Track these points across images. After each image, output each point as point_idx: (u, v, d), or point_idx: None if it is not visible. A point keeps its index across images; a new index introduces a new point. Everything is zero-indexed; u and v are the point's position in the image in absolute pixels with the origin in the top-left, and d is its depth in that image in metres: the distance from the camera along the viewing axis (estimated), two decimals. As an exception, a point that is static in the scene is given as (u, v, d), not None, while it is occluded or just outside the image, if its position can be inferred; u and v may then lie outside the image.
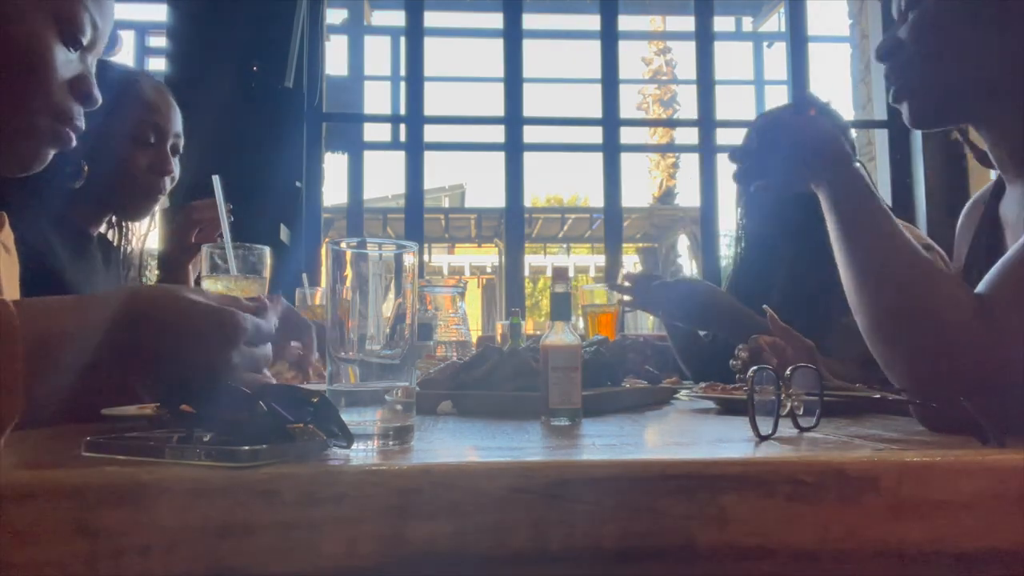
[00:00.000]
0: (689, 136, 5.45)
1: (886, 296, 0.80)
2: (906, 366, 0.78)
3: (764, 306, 1.23)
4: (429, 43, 4.00)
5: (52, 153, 1.00)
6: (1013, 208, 0.97)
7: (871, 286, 0.81)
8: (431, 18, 4.17)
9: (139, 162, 1.47)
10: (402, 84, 4.37)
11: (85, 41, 0.98)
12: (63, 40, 0.95)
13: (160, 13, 3.62)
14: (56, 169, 1.05)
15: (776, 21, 7.45)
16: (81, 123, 0.99)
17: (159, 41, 3.67)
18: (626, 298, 1.75)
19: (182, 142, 1.57)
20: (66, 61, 0.96)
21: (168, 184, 1.52)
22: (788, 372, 0.74)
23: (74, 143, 0.98)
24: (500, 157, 3.98)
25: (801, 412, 0.74)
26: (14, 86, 0.93)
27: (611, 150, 4.00)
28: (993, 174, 1.07)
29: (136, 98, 1.49)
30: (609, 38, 4.05)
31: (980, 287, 0.77)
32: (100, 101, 1.00)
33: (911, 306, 0.78)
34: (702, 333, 1.79)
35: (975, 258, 1.06)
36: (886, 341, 0.80)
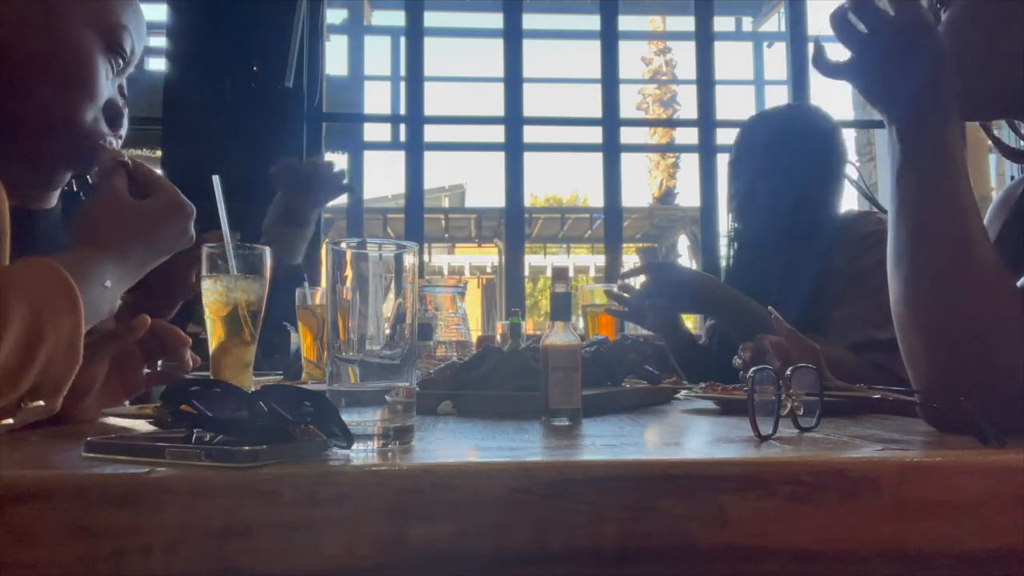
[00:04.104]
0: (689, 136, 5.45)
1: (928, 275, 0.76)
2: (933, 353, 0.74)
3: (769, 308, 1.23)
4: (429, 43, 4.00)
5: (69, 174, 1.00)
6: None
7: (916, 261, 0.77)
8: (431, 18, 4.17)
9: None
10: (402, 84, 4.37)
11: (123, 63, 0.99)
12: (106, 59, 0.97)
13: (160, 13, 3.62)
14: None
15: (776, 21, 7.45)
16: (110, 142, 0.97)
17: (159, 41, 3.66)
18: (622, 305, 1.74)
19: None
20: (106, 81, 0.97)
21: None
22: (788, 372, 0.74)
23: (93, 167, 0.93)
24: (500, 157, 3.98)
25: (801, 412, 0.74)
26: (67, 94, 0.93)
27: (611, 150, 4.00)
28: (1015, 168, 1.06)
29: None
30: (609, 38, 4.05)
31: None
32: (126, 127, 0.99)
33: (955, 292, 0.74)
34: (700, 335, 1.79)
35: (1002, 249, 1.04)
36: (918, 324, 0.76)
